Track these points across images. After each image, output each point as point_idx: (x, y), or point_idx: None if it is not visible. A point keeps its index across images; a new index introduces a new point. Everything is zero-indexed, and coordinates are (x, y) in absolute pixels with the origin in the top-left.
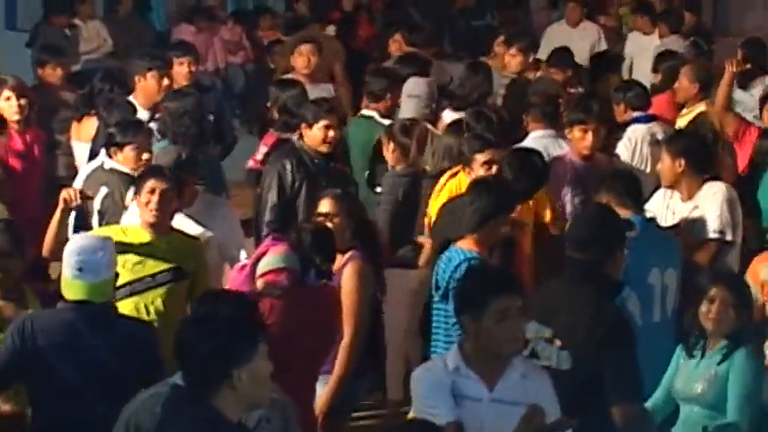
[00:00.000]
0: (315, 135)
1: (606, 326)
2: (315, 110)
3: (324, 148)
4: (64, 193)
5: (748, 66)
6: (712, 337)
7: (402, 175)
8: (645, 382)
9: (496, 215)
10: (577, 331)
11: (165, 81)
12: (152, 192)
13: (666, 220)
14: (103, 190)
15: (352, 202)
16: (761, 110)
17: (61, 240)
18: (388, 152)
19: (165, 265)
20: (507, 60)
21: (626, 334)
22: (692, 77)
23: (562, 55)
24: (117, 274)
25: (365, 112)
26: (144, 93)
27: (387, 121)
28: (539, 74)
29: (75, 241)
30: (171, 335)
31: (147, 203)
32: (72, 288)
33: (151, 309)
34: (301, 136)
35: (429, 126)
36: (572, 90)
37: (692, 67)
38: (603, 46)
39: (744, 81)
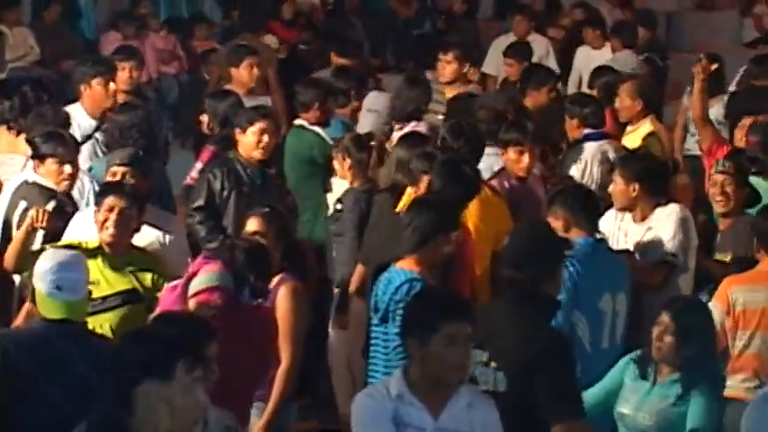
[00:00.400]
0: (248, 141)
1: (540, 346)
2: (249, 114)
3: (258, 154)
4: (32, 212)
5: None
6: (661, 364)
7: (363, 191)
8: None
9: (437, 234)
10: (511, 352)
11: (112, 86)
12: (110, 210)
13: (618, 242)
14: (22, 204)
15: (281, 222)
16: (730, 129)
17: (25, 255)
18: (344, 169)
19: (117, 288)
20: (441, 67)
21: (562, 353)
22: (634, 94)
23: (519, 48)
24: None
25: (296, 121)
26: (91, 100)
27: (317, 129)
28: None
29: (51, 257)
30: None
31: (105, 221)
32: (50, 306)
33: (99, 332)
34: (236, 145)
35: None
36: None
37: (634, 83)
38: (552, 60)
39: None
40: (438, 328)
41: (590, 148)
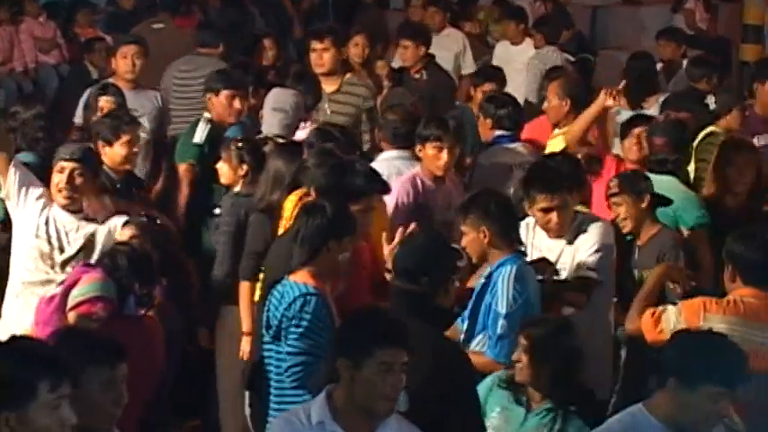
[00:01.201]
0: (116, 153)
1: (447, 361)
2: (113, 125)
3: (130, 166)
4: None
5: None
6: (531, 390)
7: (244, 195)
8: None
9: (327, 242)
10: (416, 369)
11: None
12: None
13: (532, 257)
14: None
15: (159, 233)
16: (622, 137)
17: None
18: (236, 174)
19: None
20: (317, 56)
21: (467, 368)
22: (562, 94)
23: (417, 28)
24: None
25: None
26: None
27: None
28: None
29: None
30: None
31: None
32: None
33: None
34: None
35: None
36: None
37: (561, 82)
38: (469, 56)
39: (635, 100)
40: (373, 353)
41: (501, 150)
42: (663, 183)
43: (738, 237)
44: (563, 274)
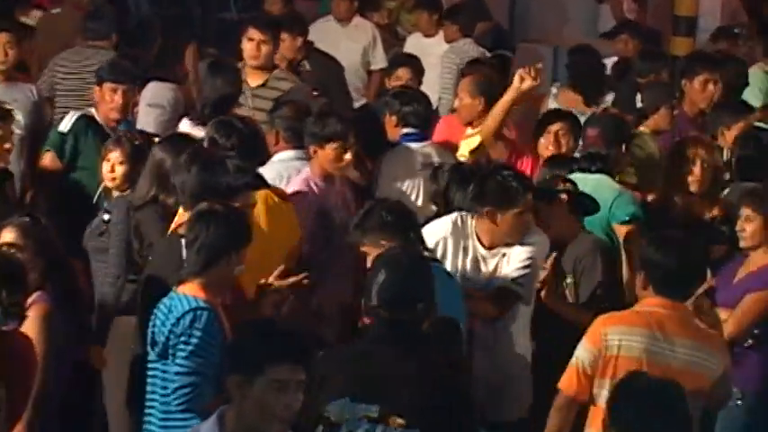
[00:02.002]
0: None
1: (457, 392)
2: None
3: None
4: None
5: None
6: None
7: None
8: None
9: (228, 252)
10: (427, 403)
11: None
12: None
13: (465, 268)
14: None
15: (42, 234)
16: (537, 135)
17: None
18: (119, 176)
19: None
20: (250, 48)
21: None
22: (474, 91)
23: (296, 20)
24: None
25: None
26: None
27: None
28: None
29: None
30: None
31: None
32: None
33: None
34: None
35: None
36: None
37: (473, 79)
38: (379, 49)
39: (591, 100)
40: (265, 369)
41: (408, 150)
42: (593, 182)
43: (653, 242)
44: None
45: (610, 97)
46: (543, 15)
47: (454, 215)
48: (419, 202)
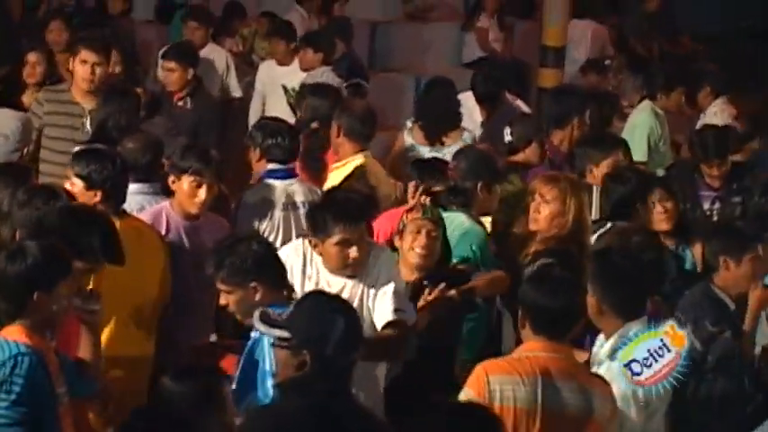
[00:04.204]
0: None
1: None
2: None
3: None
4: None
5: None
6: None
7: None
8: None
9: (35, 293)
10: None
11: None
12: None
13: (304, 288)
14: None
15: None
16: None
17: None
18: None
19: None
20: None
21: None
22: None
23: (185, 49)
24: None
25: None
26: None
27: None
28: None
29: None
30: None
31: None
32: None
33: None
34: None
35: None
36: None
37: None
38: (233, 77)
39: (434, 134)
40: None
41: (274, 188)
42: (451, 221)
43: (531, 279)
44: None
45: (467, 134)
46: (406, 44)
47: (299, 240)
48: (277, 243)
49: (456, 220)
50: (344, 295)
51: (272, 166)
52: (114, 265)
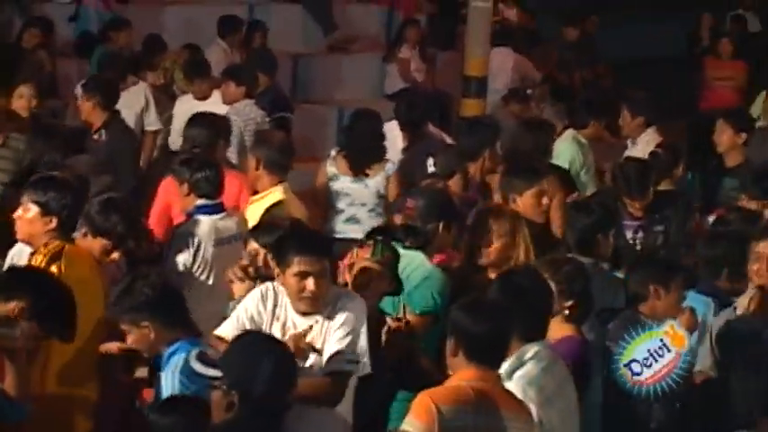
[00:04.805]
0: None
1: None
2: None
3: None
4: None
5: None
6: None
7: None
8: None
9: None
10: None
11: None
12: None
13: (280, 336)
14: None
15: None
16: None
17: None
18: None
19: None
20: None
21: None
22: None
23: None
24: None
25: None
26: None
27: None
28: None
29: None
30: None
31: None
32: None
33: None
34: None
35: None
36: None
37: (263, 148)
38: (152, 111)
39: (358, 166)
40: None
41: (204, 224)
42: (410, 259)
43: (463, 307)
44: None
45: (390, 165)
46: (328, 76)
47: (265, 285)
48: (209, 282)
49: (416, 260)
50: (310, 337)
51: (201, 201)
52: (64, 342)
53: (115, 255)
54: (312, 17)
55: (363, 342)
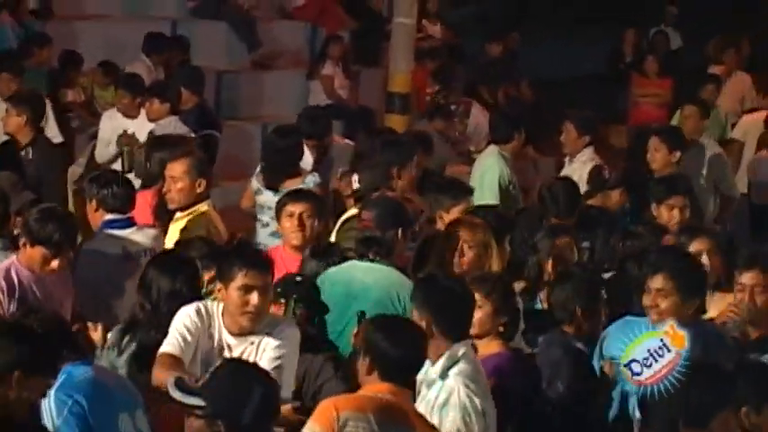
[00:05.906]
0: None
1: None
2: None
3: None
4: None
5: None
6: None
7: None
8: None
9: None
10: None
11: None
12: None
13: (212, 356)
14: None
15: None
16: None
17: None
18: None
19: None
20: None
21: None
22: (195, 174)
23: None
24: None
25: None
26: None
27: None
28: None
29: None
30: None
31: None
32: None
33: None
34: None
35: None
36: None
37: (187, 159)
38: (52, 124)
39: (274, 180)
40: None
41: (109, 240)
42: (378, 273)
43: (379, 328)
44: None
45: (310, 178)
46: (252, 92)
47: (197, 304)
48: (118, 294)
49: (391, 276)
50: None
51: (109, 216)
52: None
53: (54, 264)
54: (236, 34)
55: (290, 375)
